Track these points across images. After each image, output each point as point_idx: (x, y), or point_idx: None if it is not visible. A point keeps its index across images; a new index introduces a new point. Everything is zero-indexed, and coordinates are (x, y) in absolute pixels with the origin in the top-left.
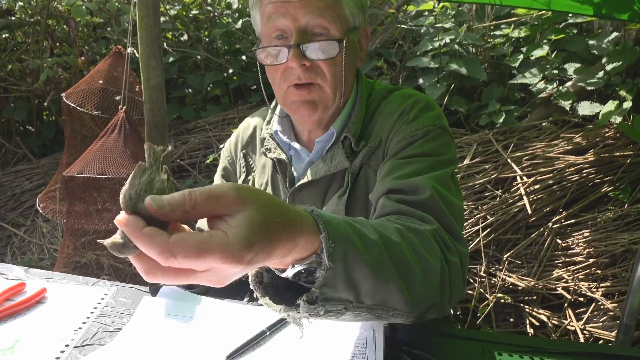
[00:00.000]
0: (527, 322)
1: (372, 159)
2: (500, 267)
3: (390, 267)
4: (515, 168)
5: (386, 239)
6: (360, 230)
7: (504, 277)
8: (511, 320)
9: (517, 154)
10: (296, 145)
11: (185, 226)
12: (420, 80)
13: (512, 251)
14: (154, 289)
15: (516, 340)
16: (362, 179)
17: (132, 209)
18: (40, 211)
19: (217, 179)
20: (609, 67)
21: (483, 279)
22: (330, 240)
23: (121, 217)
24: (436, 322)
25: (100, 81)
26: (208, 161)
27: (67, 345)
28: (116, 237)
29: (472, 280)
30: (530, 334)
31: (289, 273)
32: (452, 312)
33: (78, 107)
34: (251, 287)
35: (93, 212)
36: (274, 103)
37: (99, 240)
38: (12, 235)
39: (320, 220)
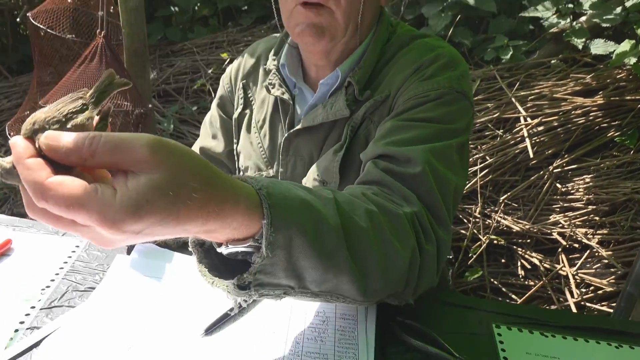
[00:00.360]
0: (519, 264)
1: (376, 114)
2: (496, 209)
3: (346, 258)
4: (520, 108)
5: (349, 224)
6: (319, 214)
7: (498, 218)
8: (502, 261)
9: (522, 93)
10: (302, 84)
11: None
12: (424, 10)
13: (509, 193)
14: (129, 246)
15: (515, 311)
16: (362, 134)
17: (31, 135)
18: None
19: (213, 107)
20: (628, 3)
21: (477, 220)
22: (273, 228)
23: (17, 139)
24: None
25: (70, 0)
26: (196, 86)
27: (32, 308)
28: (6, 160)
29: (465, 221)
30: (520, 276)
31: (222, 250)
32: (449, 273)
33: (48, 29)
34: (190, 248)
35: None
36: (285, 30)
37: None
38: None
39: (266, 202)
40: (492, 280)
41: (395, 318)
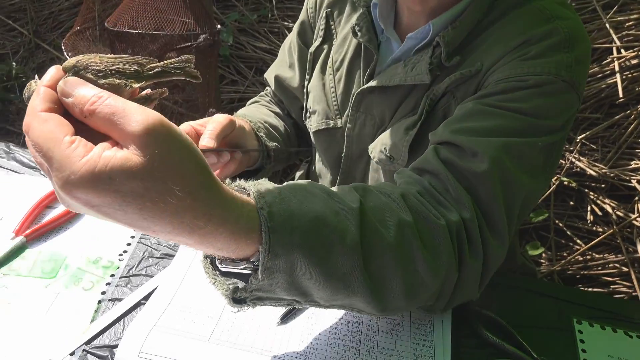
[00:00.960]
0: (589, 208)
1: (461, 89)
2: (571, 149)
3: (361, 280)
4: (613, 36)
5: (372, 241)
6: (333, 233)
7: (573, 159)
8: (571, 203)
9: (619, 18)
10: (390, 32)
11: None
12: None
13: (587, 132)
14: None
15: (599, 304)
16: (441, 109)
17: (66, 71)
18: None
19: (293, 33)
20: None
21: None
22: (271, 255)
23: (52, 68)
24: (512, 271)
25: None
26: None
27: (112, 276)
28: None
29: None
30: (589, 221)
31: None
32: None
33: None
34: None
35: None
36: None
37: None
38: (55, 58)
39: (266, 224)
40: (557, 221)
41: (471, 307)
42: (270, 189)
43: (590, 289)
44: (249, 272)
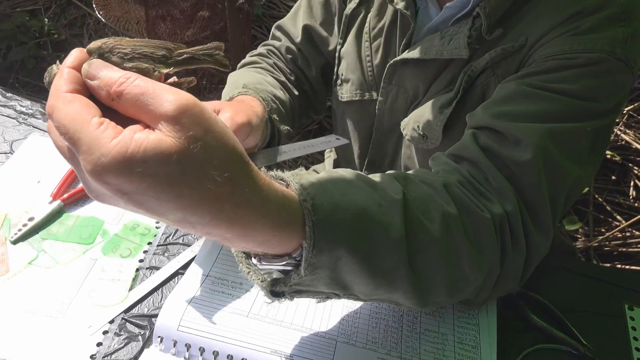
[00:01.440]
0: (632, 184)
1: (502, 65)
2: (617, 120)
3: (405, 276)
4: None
5: (417, 235)
6: (378, 227)
7: (618, 132)
8: (612, 177)
9: None
10: None
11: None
12: None
13: (635, 104)
14: None
15: None
16: (479, 86)
17: (91, 53)
18: (101, 17)
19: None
20: None
21: None
22: (316, 250)
23: (75, 50)
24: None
25: None
26: None
27: (149, 244)
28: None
29: None
30: (631, 197)
31: (255, 263)
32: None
33: None
34: None
35: (179, 19)
36: None
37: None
38: (87, 15)
39: (311, 218)
40: (596, 196)
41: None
42: (310, 180)
43: (627, 267)
44: (290, 268)
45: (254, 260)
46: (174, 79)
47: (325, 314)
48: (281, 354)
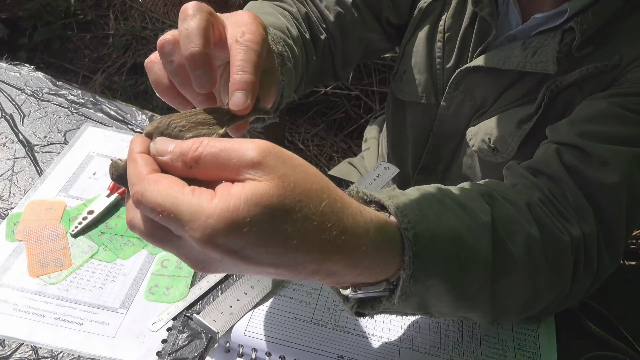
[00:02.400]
0: None
1: (590, 83)
2: None
3: (487, 299)
4: None
5: (502, 258)
6: (470, 251)
7: None
8: None
9: None
10: (514, 3)
11: None
12: None
13: None
14: None
15: None
16: (561, 102)
17: (151, 136)
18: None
19: None
20: None
21: None
22: (413, 280)
23: (135, 137)
24: None
25: None
26: None
27: None
28: (123, 159)
29: None
30: None
31: (349, 294)
32: None
33: None
34: None
35: None
36: None
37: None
38: None
39: (411, 248)
40: None
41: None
42: (406, 202)
43: None
44: (384, 294)
45: (347, 292)
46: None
47: (386, 320)
48: (347, 359)
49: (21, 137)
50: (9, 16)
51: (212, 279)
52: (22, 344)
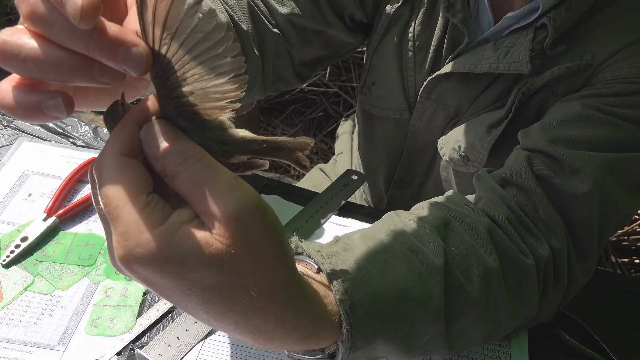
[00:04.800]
0: None
1: (563, 84)
2: None
3: (441, 343)
4: None
5: (457, 299)
6: (417, 307)
7: None
8: None
9: None
10: (484, 5)
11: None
12: None
13: None
14: None
15: None
16: (534, 105)
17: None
18: None
19: None
20: None
21: None
22: (352, 349)
23: (152, 100)
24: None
25: None
26: None
27: None
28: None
29: None
30: None
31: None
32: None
33: None
34: None
35: None
36: None
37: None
38: None
39: (348, 320)
40: None
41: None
42: (346, 261)
43: None
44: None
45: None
46: (242, 159)
47: None
48: None
49: None
50: None
51: (162, 307)
52: None
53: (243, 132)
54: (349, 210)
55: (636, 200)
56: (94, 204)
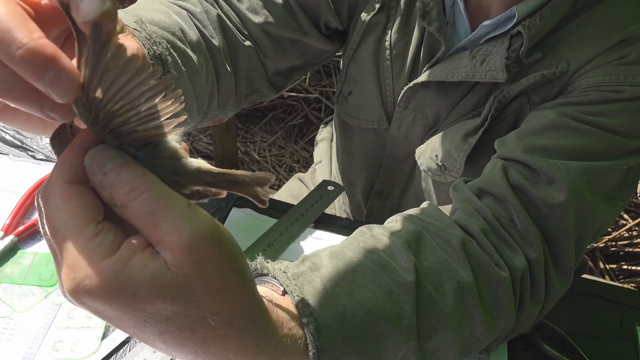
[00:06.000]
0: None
1: (540, 92)
2: None
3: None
4: None
5: (429, 316)
6: (388, 325)
7: None
8: None
9: None
10: (461, 6)
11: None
12: None
13: None
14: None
15: None
16: (512, 113)
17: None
18: None
19: None
20: None
21: None
22: None
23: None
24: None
25: None
26: None
27: None
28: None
29: None
30: (639, 195)
31: None
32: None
33: None
34: None
35: None
36: None
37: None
38: None
39: (314, 344)
40: None
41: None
42: (313, 281)
43: (634, 267)
44: None
45: None
46: (198, 189)
47: None
48: None
49: None
50: None
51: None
52: None
53: (198, 163)
54: (326, 223)
55: (612, 208)
56: (42, 233)
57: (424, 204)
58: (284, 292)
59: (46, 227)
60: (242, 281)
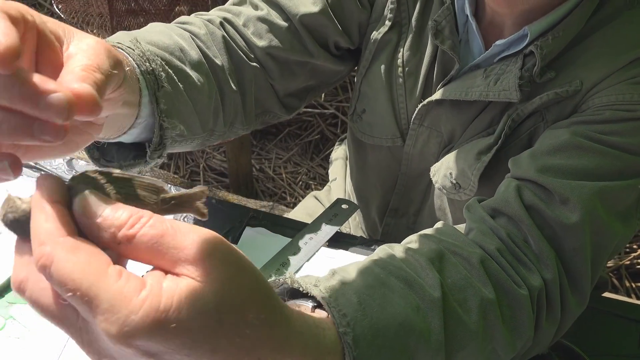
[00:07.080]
0: None
1: (553, 110)
2: None
3: None
4: None
5: (456, 332)
6: (418, 339)
7: None
8: None
9: None
10: (473, 24)
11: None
12: None
13: None
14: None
15: None
16: (526, 132)
17: (70, 186)
18: (59, 13)
19: None
20: None
21: None
22: None
23: (46, 178)
24: None
25: None
26: None
27: None
28: (25, 201)
29: None
30: None
31: None
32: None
33: None
34: None
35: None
36: None
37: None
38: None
39: (352, 354)
40: None
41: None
42: (345, 294)
43: None
44: None
45: None
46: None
47: None
48: None
49: None
50: None
51: None
52: None
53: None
54: (340, 242)
55: (627, 227)
56: (44, 306)
57: (439, 224)
58: (314, 309)
59: (62, 289)
60: (261, 277)
